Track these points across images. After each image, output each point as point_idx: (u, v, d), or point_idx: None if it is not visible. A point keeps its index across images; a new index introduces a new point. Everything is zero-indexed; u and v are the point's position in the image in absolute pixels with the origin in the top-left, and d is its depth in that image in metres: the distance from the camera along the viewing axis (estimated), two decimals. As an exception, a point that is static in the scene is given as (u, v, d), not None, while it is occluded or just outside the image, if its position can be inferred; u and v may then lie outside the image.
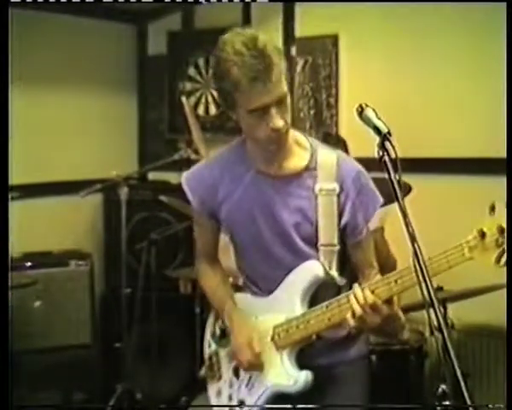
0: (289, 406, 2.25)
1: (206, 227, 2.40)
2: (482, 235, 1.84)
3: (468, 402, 1.52)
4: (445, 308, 3.25)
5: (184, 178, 2.36)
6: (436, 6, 3.84)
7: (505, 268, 1.79)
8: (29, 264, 4.19)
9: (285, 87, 2.06)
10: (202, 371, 2.53)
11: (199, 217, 2.40)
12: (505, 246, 1.79)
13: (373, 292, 2.02)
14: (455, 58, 3.89)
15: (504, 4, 3.25)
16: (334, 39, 4.33)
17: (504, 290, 2.59)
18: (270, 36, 2.12)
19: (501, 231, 1.80)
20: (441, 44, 3.93)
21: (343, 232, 2.21)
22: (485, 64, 3.78)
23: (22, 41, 4.28)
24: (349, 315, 2.05)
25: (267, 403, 2.25)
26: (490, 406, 3.39)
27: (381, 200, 2.21)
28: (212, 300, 2.47)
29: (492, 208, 1.80)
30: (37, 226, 4.46)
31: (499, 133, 3.52)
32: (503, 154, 3.34)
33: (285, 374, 2.20)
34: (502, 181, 2.91)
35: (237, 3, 4.67)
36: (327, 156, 2.21)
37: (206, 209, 2.34)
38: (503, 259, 1.81)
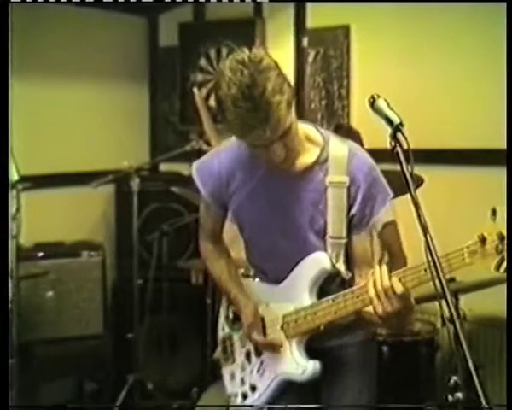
0: (288, 406, 2.28)
1: (214, 214, 2.40)
2: (482, 240, 1.81)
3: (481, 394, 1.52)
4: (456, 299, 3.23)
5: (195, 168, 2.36)
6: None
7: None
8: (41, 254, 4.20)
9: (288, 121, 1.99)
10: (216, 354, 2.55)
11: (208, 205, 2.39)
12: (505, 253, 1.77)
13: (400, 281, 1.99)
14: (469, 48, 3.86)
15: (504, 4, 3.24)
16: (346, 30, 4.31)
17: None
18: (276, 54, 2.01)
19: (501, 237, 1.77)
20: (455, 34, 3.90)
21: (348, 224, 2.20)
22: (501, 55, 3.74)
23: (35, 35, 4.29)
24: (371, 306, 2.02)
25: (277, 389, 2.29)
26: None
27: (391, 194, 2.20)
28: (219, 284, 2.47)
29: (494, 213, 1.77)
30: (49, 217, 4.47)
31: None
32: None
33: (294, 363, 2.22)
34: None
35: (249, -6, 4.66)
36: (338, 149, 2.19)
37: (215, 199, 2.34)
38: (503, 266, 1.78)
